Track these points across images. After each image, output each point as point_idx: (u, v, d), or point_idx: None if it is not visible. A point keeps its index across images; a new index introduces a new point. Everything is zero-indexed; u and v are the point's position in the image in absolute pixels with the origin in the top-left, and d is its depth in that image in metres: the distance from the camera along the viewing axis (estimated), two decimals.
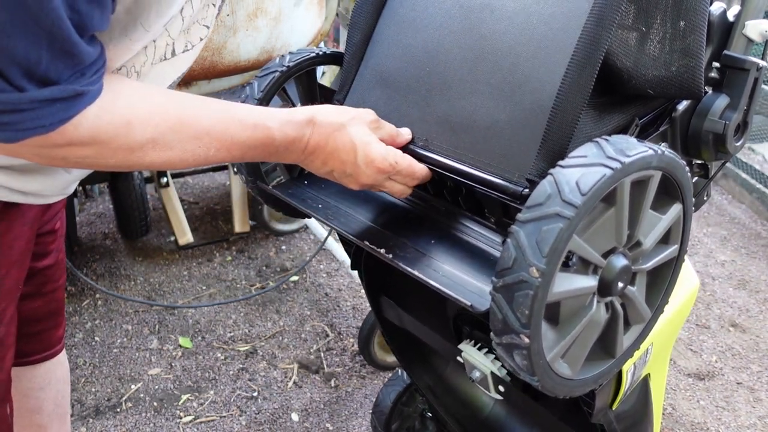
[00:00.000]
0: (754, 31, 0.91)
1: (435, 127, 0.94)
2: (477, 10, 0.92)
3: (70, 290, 2.28)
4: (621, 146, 0.70)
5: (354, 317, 2.25)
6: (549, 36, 0.83)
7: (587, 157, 0.69)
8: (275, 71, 1.06)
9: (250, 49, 2.06)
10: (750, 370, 2.11)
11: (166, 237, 2.65)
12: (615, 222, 0.72)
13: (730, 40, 0.92)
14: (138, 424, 1.79)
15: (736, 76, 0.91)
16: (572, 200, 0.64)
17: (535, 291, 0.64)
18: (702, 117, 0.92)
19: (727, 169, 3.18)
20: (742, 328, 2.30)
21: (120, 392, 1.89)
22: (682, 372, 2.08)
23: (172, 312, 2.23)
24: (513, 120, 0.85)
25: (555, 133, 0.79)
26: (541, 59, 0.83)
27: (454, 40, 0.94)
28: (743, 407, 1.95)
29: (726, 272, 2.62)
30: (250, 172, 1.10)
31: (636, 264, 0.78)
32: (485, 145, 0.88)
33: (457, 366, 1.34)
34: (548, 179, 0.68)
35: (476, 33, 0.91)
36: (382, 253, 0.87)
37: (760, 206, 3.02)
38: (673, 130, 0.92)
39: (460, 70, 0.92)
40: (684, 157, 0.94)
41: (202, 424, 1.81)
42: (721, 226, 2.97)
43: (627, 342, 0.82)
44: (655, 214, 0.78)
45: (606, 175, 0.66)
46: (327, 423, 1.83)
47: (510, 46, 0.87)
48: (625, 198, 0.71)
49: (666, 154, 0.73)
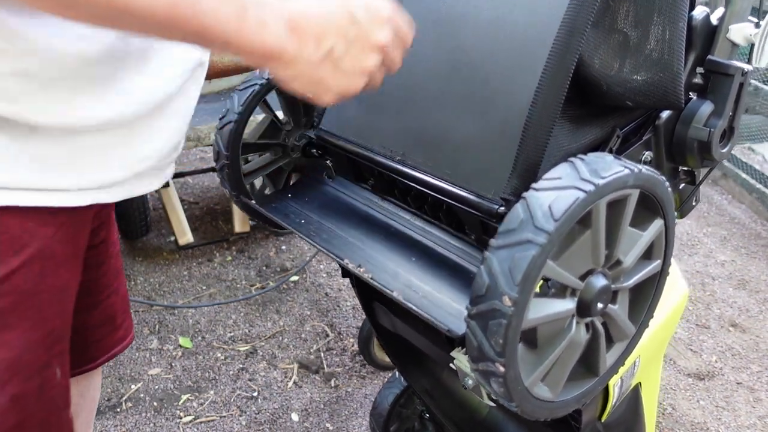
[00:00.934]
0: (738, 35, 0.89)
1: (411, 142, 0.91)
2: (451, 21, 0.89)
3: None
4: (596, 166, 0.68)
5: (354, 317, 2.25)
6: (522, 48, 0.80)
7: (561, 179, 0.67)
8: (255, 84, 1.05)
9: None
10: (750, 370, 2.11)
11: (166, 237, 2.65)
12: (592, 244, 0.70)
13: (714, 45, 0.89)
14: (138, 424, 1.79)
15: (720, 82, 0.89)
16: (544, 226, 0.63)
17: (508, 320, 0.62)
18: (686, 124, 0.89)
19: (727, 169, 3.18)
20: (742, 328, 2.30)
21: (120, 392, 1.89)
22: (682, 372, 2.08)
23: (172, 312, 2.23)
24: (486, 136, 0.83)
25: (528, 150, 0.77)
26: (514, 72, 0.81)
27: (427, 52, 0.91)
28: (743, 407, 1.95)
29: (726, 272, 2.62)
30: (234, 186, 1.10)
31: (617, 282, 0.75)
32: (460, 160, 0.86)
33: (452, 370, 1.34)
34: (521, 204, 0.66)
35: (450, 44, 0.89)
36: (362, 273, 0.86)
37: (760, 206, 3.02)
38: (657, 139, 0.90)
39: (434, 84, 0.90)
40: (670, 164, 0.92)
41: (202, 424, 1.81)
42: (721, 226, 2.97)
43: (610, 359, 0.80)
44: (635, 231, 0.75)
45: (579, 199, 0.64)
46: (327, 423, 1.84)
47: (483, 58, 0.85)
48: (600, 220, 0.69)
49: (643, 173, 0.71)
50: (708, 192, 3.26)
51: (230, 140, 1.08)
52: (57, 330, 0.85)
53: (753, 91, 2.94)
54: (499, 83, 0.82)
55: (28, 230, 0.77)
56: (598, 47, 0.78)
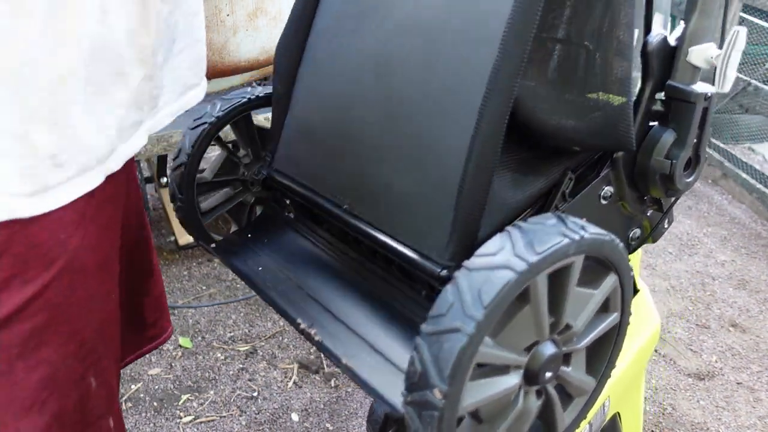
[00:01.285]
0: (699, 58, 0.81)
1: (356, 192, 0.87)
2: (387, 60, 0.84)
3: None
4: (533, 237, 0.63)
5: None
6: (457, 92, 0.74)
7: (495, 256, 0.63)
8: (205, 123, 1.03)
9: (250, 49, 2.06)
10: (750, 370, 2.11)
11: (166, 237, 2.65)
12: (533, 318, 0.66)
13: (674, 70, 0.82)
14: (138, 424, 1.79)
15: (682, 109, 0.82)
16: (474, 314, 0.59)
17: (440, 413, 0.59)
18: (648, 155, 0.83)
19: (727, 169, 3.18)
20: (742, 328, 2.30)
21: (120, 392, 1.89)
22: (682, 372, 2.08)
23: (172, 312, 2.23)
24: (424, 192, 0.77)
25: (464, 211, 0.72)
26: (448, 122, 0.75)
27: (365, 95, 0.86)
28: (743, 407, 1.95)
29: (726, 272, 2.62)
30: (192, 229, 1.09)
31: (569, 345, 0.71)
32: (403, 216, 0.81)
33: None
34: (451, 286, 0.62)
35: (385, 88, 0.83)
36: (313, 335, 0.84)
37: (760, 206, 3.02)
38: (616, 173, 0.84)
39: (372, 132, 0.85)
40: (635, 192, 0.87)
41: (202, 424, 1.81)
42: (721, 226, 2.97)
43: (569, 418, 0.76)
44: (585, 291, 0.70)
45: (511, 281, 0.60)
46: (327, 423, 1.84)
47: (417, 105, 0.79)
48: (539, 295, 0.65)
49: (586, 238, 0.66)
50: (708, 192, 3.26)
51: (183, 183, 1.06)
52: (89, 341, 0.85)
53: (753, 91, 2.94)
54: (433, 134, 0.76)
55: (58, 242, 0.77)
56: (536, 89, 0.73)
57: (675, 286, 2.51)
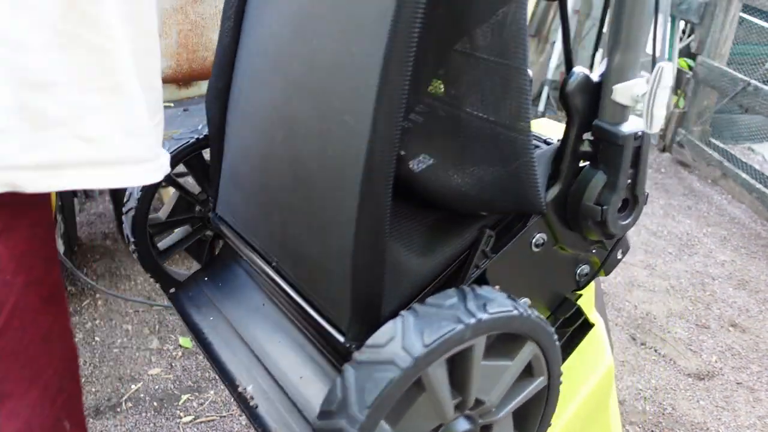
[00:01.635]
0: (624, 95, 0.73)
1: (281, 250, 0.85)
2: (290, 120, 0.80)
3: (71, 290, 2.28)
4: (424, 326, 0.60)
5: None
6: (344, 163, 0.70)
7: (382, 348, 0.60)
8: None
9: None
10: (750, 370, 2.11)
11: None
12: (433, 404, 0.63)
13: (600, 108, 0.75)
14: (138, 424, 1.79)
15: (611, 151, 0.74)
16: (357, 416, 0.57)
17: None
18: (578, 199, 0.77)
19: (727, 169, 3.18)
20: (742, 328, 2.30)
21: (120, 392, 1.89)
22: (682, 372, 2.08)
23: (172, 312, 2.23)
24: (329, 262, 0.74)
25: (361, 288, 0.68)
26: (339, 192, 0.70)
27: (277, 153, 0.83)
28: (743, 407, 1.95)
29: (726, 272, 2.62)
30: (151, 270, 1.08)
31: (486, 417, 0.68)
32: (316, 284, 0.79)
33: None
34: (339, 380, 0.60)
35: (290, 148, 0.80)
36: (248, 400, 0.83)
37: (760, 206, 3.02)
38: (547, 219, 0.78)
39: (285, 191, 0.82)
40: (574, 233, 0.81)
41: (202, 423, 1.81)
42: (721, 226, 2.97)
43: None
44: (498, 363, 0.67)
45: (395, 380, 0.58)
46: None
47: (315, 172, 0.75)
48: (434, 383, 0.62)
49: (484, 320, 0.62)
50: (708, 192, 3.26)
51: (135, 226, 1.05)
52: (53, 381, 0.81)
53: (753, 91, 2.94)
54: (330, 203, 0.72)
55: (4, 283, 0.72)
56: (435, 161, 0.69)
57: (675, 286, 2.51)
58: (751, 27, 3.35)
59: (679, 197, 3.20)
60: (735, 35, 3.19)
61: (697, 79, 3.30)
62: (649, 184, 3.25)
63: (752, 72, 3.23)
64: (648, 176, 2.98)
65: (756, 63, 3.30)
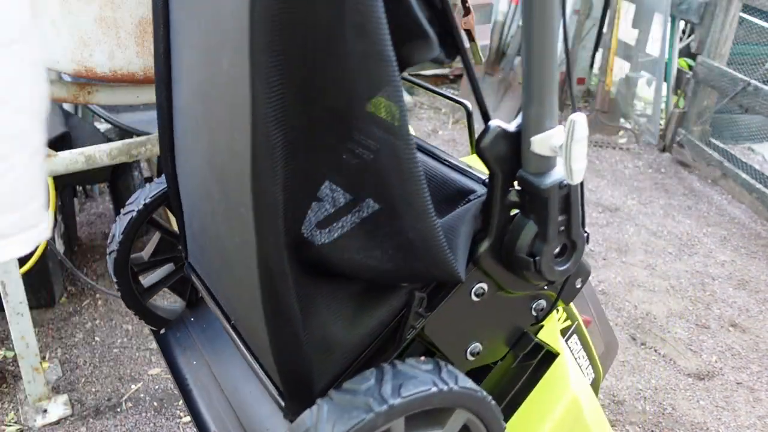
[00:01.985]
0: (543, 146, 0.70)
1: (234, 313, 0.87)
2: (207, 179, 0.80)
3: (71, 290, 2.28)
4: (336, 418, 0.61)
5: None
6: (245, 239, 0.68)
7: None
8: (134, 210, 1.07)
9: None
10: (750, 370, 2.11)
11: None
12: None
13: (522, 160, 0.72)
14: (138, 424, 1.79)
15: (536, 202, 0.72)
16: None
17: None
18: (511, 250, 0.74)
19: (727, 169, 3.18)
20: (742, 328, 2.30)
21: (120, 392, 1.89)
22: (682, 372, 2.08)
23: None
24: (262, 338, 0.72)
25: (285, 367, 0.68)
26: (247, 270, 0.68)
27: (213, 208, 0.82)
28: (743, 407, 1.95)
29: (726, 272, 2.62)
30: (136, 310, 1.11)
31: None
32: (259, 351, 0.79)
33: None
34: None
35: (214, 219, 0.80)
36: None
37: (760, 206, 3.02)
38: (485, 269, 0.76)
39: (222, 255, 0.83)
40: (517, 278, 0.78)
41: None
42: (721, 226, 2.97)
43: None
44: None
45: None
46: None
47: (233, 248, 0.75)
48: None
49: (397, 405, 0.61)
50: (708, 192, 3.26)
51: (116, 266, 1.09)
52: None
53: (753, 91, 2.94)
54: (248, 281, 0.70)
55: None
56: (341, 240, 0.66)
57: (675, 286, 2.51)
58: (751, 27, 3.35)
59: (679, 197, 3.20)
60: (735, 35, 3.19)
61: (697, 79, 3.30)
62: (650, 184, 3.25)
63: (752, 72, 3.23)
64: (648, 176, 2.97)
65: (756, 63, 3.30)
